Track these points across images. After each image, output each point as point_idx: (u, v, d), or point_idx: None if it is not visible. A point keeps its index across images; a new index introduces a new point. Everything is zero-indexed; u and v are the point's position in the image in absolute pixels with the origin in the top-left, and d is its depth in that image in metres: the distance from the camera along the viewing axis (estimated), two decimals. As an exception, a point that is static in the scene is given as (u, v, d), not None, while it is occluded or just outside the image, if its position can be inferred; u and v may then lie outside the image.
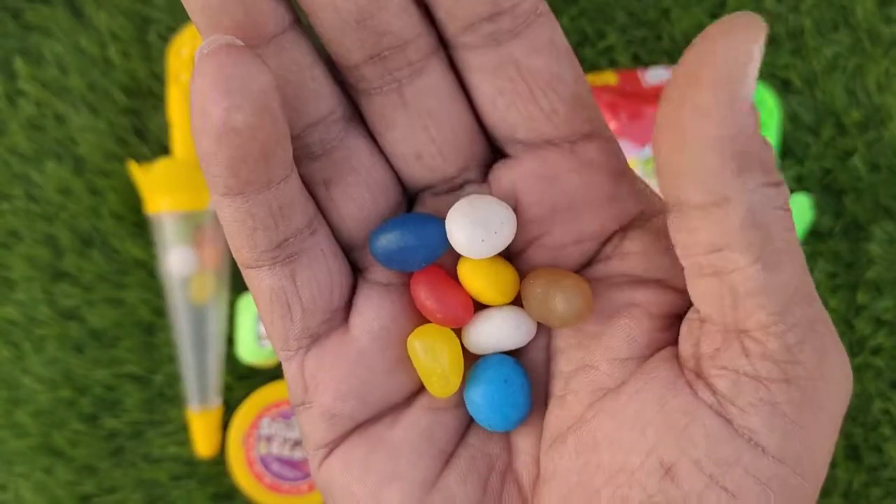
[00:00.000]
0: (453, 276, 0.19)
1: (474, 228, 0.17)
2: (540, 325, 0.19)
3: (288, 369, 0.19)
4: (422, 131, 0.18)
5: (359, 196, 0.18)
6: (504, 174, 0.18)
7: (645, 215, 0.19)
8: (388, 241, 0.18)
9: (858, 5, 0.52)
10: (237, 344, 0.52)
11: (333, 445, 0.19)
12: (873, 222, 0.52)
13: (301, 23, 0.17)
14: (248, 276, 0.18)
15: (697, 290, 0.17)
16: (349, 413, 0.18)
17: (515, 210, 0.18)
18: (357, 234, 0.18)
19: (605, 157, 0.18)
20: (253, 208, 0.16)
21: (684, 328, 0.17)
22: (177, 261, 0.51)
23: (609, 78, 0.52)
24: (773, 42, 0.52)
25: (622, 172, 0.19)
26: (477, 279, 0.18)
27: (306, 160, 0.18)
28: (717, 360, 0.16)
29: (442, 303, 0.18)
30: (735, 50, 0.14)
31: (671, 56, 0.53)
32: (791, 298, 0.16)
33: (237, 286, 0.53)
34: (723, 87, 0.14)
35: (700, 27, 0.52)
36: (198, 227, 0.51)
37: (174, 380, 0.54)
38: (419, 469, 0.18)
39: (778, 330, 0.16)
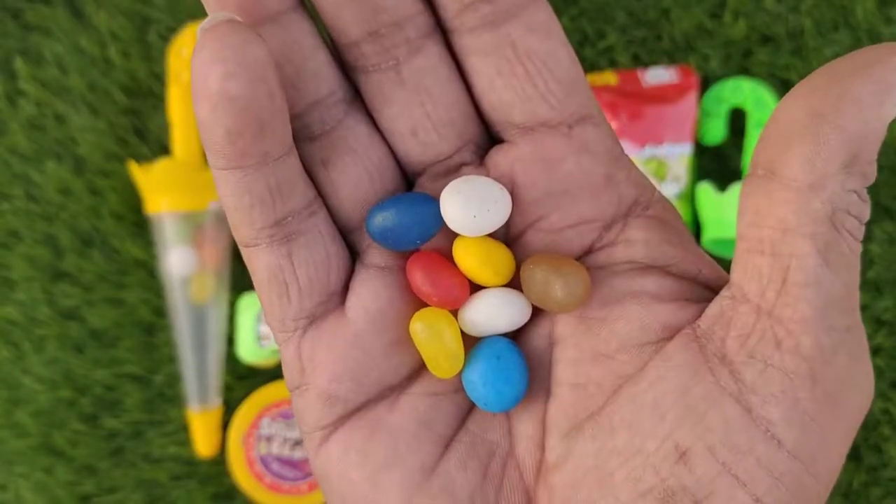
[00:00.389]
0: (449, 259, 0.19)
1: (467, 204, 0.18)
2: (542, 313, 0.19)
3: (285, 352, 0.19)
4: (418, 107, 0.18)
5: (356, 176, 0.18)
6: (501, 158, 0.19)
7: (642, 202, 0.19)
8: (383, 218, 0.18)
9: (858, 5, 0.52)
10: (237, 344, 0.52)
11: (331, 430, 0.19)
12: (873, 222, 0.52)
13: (305, 6, 0.18)
14: (247, 255, 0.18)
15: (747, 266, 0.17)
16: (345, 395, 0.18)
17: (512, 193, 0.19)
18: (355, 216, 0.19)
19: (601, 140, 0.18)
20: (251, 183, 0.17)
21: (714, 309, 0.17)
22: (177, 261, 0.51)
23: (609, 78, 0.52)
24: (772, 42, 0.52)
25: (618, 157, 0.19)
26: (471, 258, 0.18)
27: (306, 140, 0.18)
28: (747, 347, 0.16)
29: (437, 285, 0.18)
30: None
31: (671, 56, 0.53)
32: (836, 304, 0.16)
33: (237, 286, 0.53)
34: (885, 90, 0.15)
35: (700, 27, 0.52)
36: (198, 227, 0.51)
37: (174, 380, 0.54)
38: (418, 454, 0.18)
39: (815, 328, 0.16)
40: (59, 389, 0.54)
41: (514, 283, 0.19)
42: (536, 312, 0.19)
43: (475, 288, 0.19)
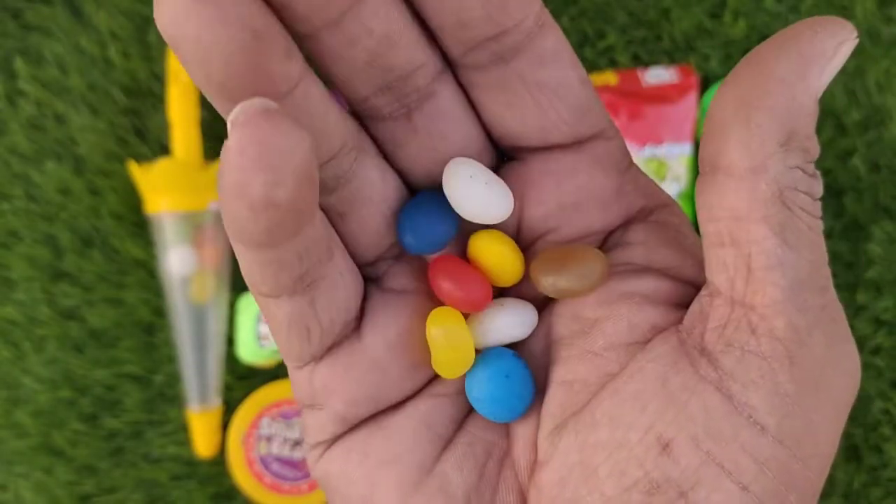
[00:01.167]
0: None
1: (462, 168, 0.18)
2: (540, 316, 0.19)
3: (297, 376, 0.19)
4: (432, 151, 0.18)
5: (375, 224, 0.18)
6: (511, 175, 0.19)
7: (648, 209, 0.19)
8: (413, 224, 0.18)
9: (858, 5, 0.52)
10: (237, 344, 0.52)
11: (336, 439, 0.19)
12: (873, 222, 0.52)
13: (310, 67, 0.17)
14: (265, 303, 0.17)
15: (713, 260, 0.17)
16: (361, 415, 0.19)
17: (522, 208, 0.19)
18: (371, 252, 0.19)
19: (612, 154, 0.19)
20: (281, 255, 0.16)
21: (695, 306, 0.17)
22: (177, 261, 0.51)
23: (609, 78, 0.52)
24: (773, 42, 0.52)
25: (627, 168, 0.19)
26: (486, 253, 0.18)
27: (322, 195, 0.18)
28: (724, 337, 0.16)
29: (461, 287, 0.18)
30: (828, 40, 0.15)
31: (671, 56, 0.53)
32: (805, 282, 0.16)
33: (237, 286, 0.53)
34: (806, 64, 0.15)
35: (700, 27, 0.52)
36: (198, 226, 0.51)
37: (174, 380, 0.54)
38: (416, 453, 0.18)
39: (786, 309, 0.16)
40: (58, 389, 0.54)
41: (521, 294, 0.19)
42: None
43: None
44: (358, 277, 0.18)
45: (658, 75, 0.52)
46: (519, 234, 0.19)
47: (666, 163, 0.51)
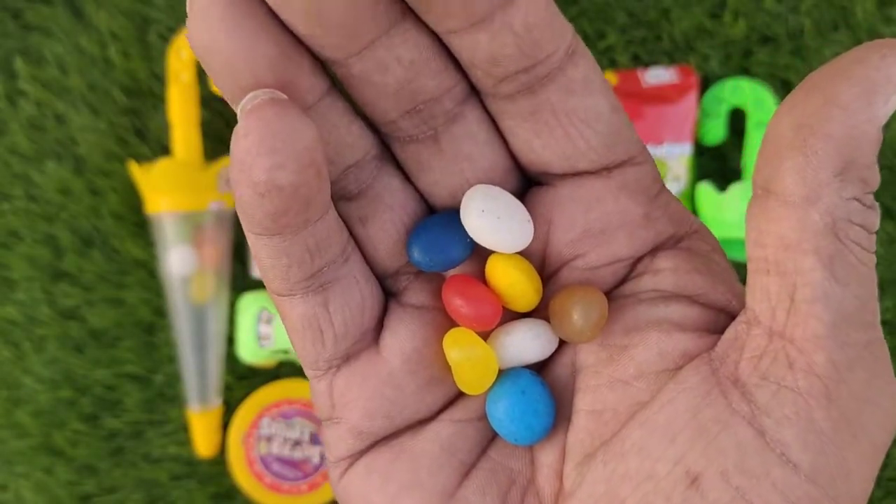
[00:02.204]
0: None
1: (474, 203, 0.18)
2: (566, 342, 0.19)
3: (315, 387, 0.19)
4: (457, 174, 0.18)
5: (394, 231, 0.18)
6: (538, 199, 0.18)
7: (677, 236, 0.19)
8: (424, 240, 0.18)
9: (858, 5, 0.52)
10: (237, 344, 0.52)
11: (357, 457, 0.19)
12: (873, 222, 0.52)
13: (336, 85, 0.17)
14: (280, 302, 0.18)
15: (756, 287, 0.16)
16: (376, 430, 0.18)
17: (549, 233, 0.18)
18: (391, 263, 0.19)
19: (641, 180, 0.18)
20: (290, 247, 0.16)
21: (729, 334, 0.17)
22: (177, 260, 0.51)
23: (609, 78, 0.52)
24: (772, 42, 0.52)
25: (657, 194, 0.18)
26: (501, 277, 0.18)
27: (342, 200, 0.18)
28: (759, 369, 0.16)
29: (469, 304, 0.18)
30: (893, 66, 0.15)
31: (671, 56, 0.53)
32: (850, 317, 0.15)
33: (237, 286, 0.53)
34: (871, 90, 0.14)
35: (700, 27, 0.52)
36: (198, 226, 0.51)
37: (174, 380, 0.54)
38: (438, 479, 0.18)
39: (828, 344, 0.15)
40: (59, 389, 0.54)
41: (542, 314, 0.19)
42: (560, 341, 0.19)
43: (506, 314, 0.19)
44: (376, 287, 0.18)
45: (658, 75, 0.52)
46: (545, 259, 0.19)
47: (666, 163, 0.51)
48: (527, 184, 0.19)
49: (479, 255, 0.19)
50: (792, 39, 0.52)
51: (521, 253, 0.18)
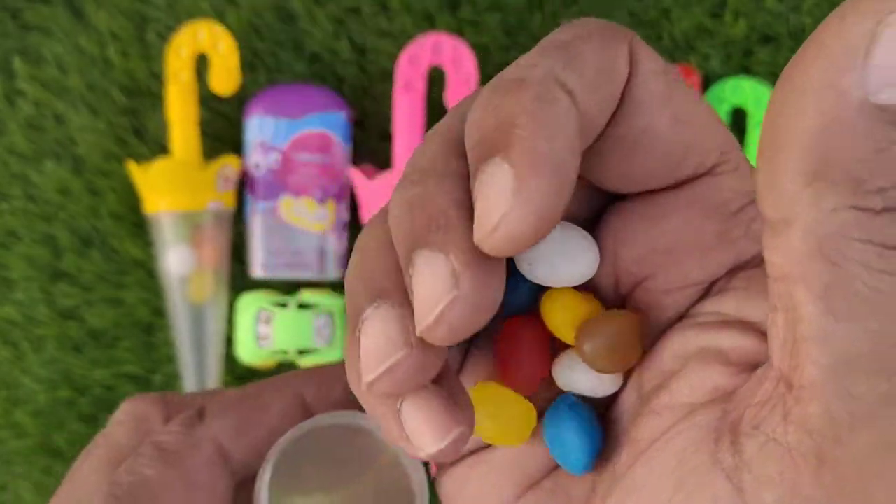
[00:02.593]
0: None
1: (546, 252, 0.17)
2: (631, 373, 0.18)
3: None
4: None
5: None
6: (607, 218, 0.18)
7: (761, 256, 0.16)
8: None
9: (859, 5, 0.52)
10: (236, 344, 0.52)
11: (454, 463, 0.20)
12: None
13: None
14: None
15: (770, 323, 0.14)
16: (471, 445, 0.20)
17: (616, 250, 0.18)
18: None
19: (716, 193, 0.16)
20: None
21: (758, 372, 0.15)
22: (175, 260, 0.51)
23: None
24: (773, 41, 0.52)
25: (739, 209, 0.16)
26: (555, 314, 0.18)
27: None
28: (757, 417, 0.14)
29: (510, 366, 0.18)
30: (858, 25, 0.11)
31: (671, 56, 0.53)
32: (858, 361, 0.12)
33: (236, 286, 0.53)
34: (832, 65, 0.11)
35: (700, 27, 0.52)
36: (196, 226, 0.51)
37: (174, 380, 0.54)
38: (501, 491, 0.19)
39: (824, 394, 0.12)
40: (58, 389, 0.54)
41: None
42: (627, 373, 0.18)
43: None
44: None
45: (658, 75, 0.52)
46: (618, 279, 0.18)
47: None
48: (603, 201, 0.18)
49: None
50: (793, 39, 0.52)
51: (593, 277, 0.18)
